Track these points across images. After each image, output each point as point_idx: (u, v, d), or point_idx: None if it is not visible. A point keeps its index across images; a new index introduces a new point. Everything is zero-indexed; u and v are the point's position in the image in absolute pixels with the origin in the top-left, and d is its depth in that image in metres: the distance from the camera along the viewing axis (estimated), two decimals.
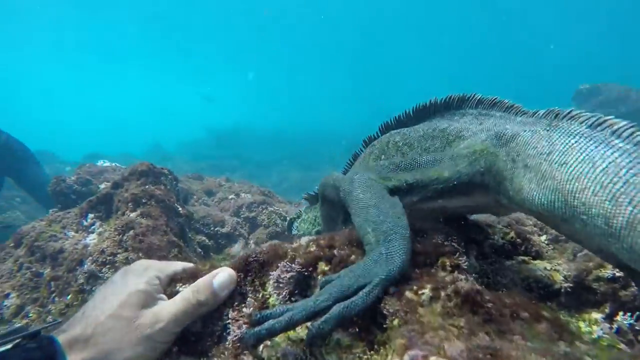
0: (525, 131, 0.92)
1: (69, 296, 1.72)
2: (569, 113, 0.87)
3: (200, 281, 0.90)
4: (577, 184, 0.76)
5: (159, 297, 0.90)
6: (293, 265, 0.84)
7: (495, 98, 1.09)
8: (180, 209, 2.30)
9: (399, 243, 0.76)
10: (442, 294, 0.60)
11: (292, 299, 0.85)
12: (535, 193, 0.84)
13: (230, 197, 3.71)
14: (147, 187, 2.13)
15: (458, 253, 0.83)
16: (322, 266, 0.84)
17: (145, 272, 0.93)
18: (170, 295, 0.94)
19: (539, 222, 1.37)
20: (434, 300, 0.60)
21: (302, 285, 0.85)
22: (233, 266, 0.96)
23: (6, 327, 0.78)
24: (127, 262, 1.68)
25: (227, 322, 0.90)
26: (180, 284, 1.01)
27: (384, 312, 0.63)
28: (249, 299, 0.92)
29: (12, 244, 2.17)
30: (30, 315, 1.78)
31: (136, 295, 0.85)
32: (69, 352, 0.75)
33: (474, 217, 1.25)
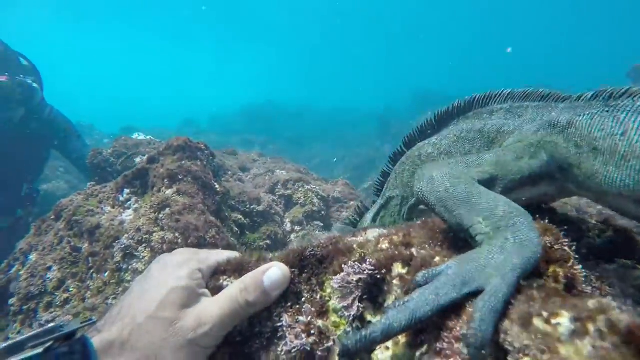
0: (580, 115, 0.89)
1: (106, 273, 1.67)
2: (627, 91, 0.84)
3: (249, 278, 0.77)
4: None
5: (201, 293, 0.79)
6: (363, 266, 0.69)
7: (527, 90, 1.04)
8: (217, 186, 2.20)
9: (526, 226, 0.64)
10: (591, 328, 0.44)
11: (360, 305, 0.70)
12: (615, 175, 0.81)
13: (265, 173, 3.60)
14: (183, 162, 2.04)
15: (572, 260, 0.65)
16: (398, 268, 0.69)
17: (186, 264, 0.81)
18: (214, 291, 0.83)
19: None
20: (578, 336, 0.44)
21: (372, 291, 0.70)
22: (285, 260, 0.83)
23: (40, 328, 0.67)
24: (163, 242, 1.61)
25: (279, 324, 0.78)
26: (225, 277, 0.89)
27: (505, 344, 0.47)
28: (304, 301, 0.79)
29: (52, 217, 2.15)
30: (71, 289, 1.75)
31: (176, 292, 0.74)
32: (104, 358, 0.65)
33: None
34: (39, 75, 3.95)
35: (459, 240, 0.72)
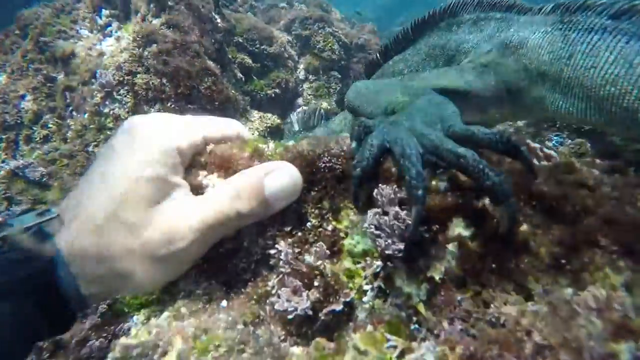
0: (534, 33, 0.86)
1: (86, 115, 1.44)
2: (583, 3, 0.78)
3: (244, 182, 0.54)
4: (613, 88, 0.70)
5: (176, 184, 0.56)
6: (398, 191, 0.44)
7: None
8: (218, 20, 1.77)
9: (443, 98, 0.65)
10: None
11: (389, 263, 0.48)
12: (560, 102, 0.81)
13: (282, 5, 3.03)
14: None
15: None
16: (460, 227, 0.44)
17: (159, 138, 0.57)
18: (193, 189, 0.60)
19: None
20: None
21: (412, 249, 0.47)
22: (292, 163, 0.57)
23: None
24: (148, 87, 1.33)
25: (272, 250, 0.57)
26: (205, 174, 0.65)
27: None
28: (310, 228, 0.57)
29: (17, 31, 1.79)
30: (50, 125, 1.55)
31: (142, 186, 0.53)
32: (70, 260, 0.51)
33: None
34: None
35: None
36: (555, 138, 1.51)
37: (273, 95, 2.49)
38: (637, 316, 0.35)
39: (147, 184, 0.53)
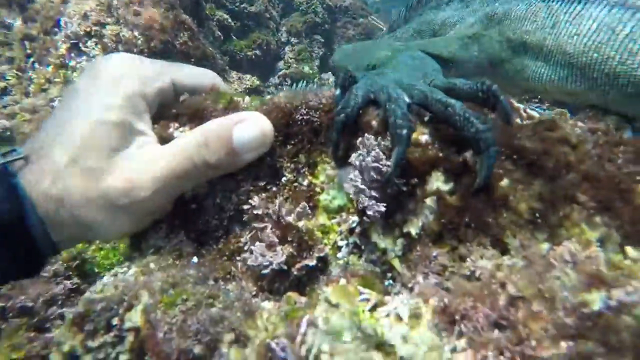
0: (518, 5, 0.87)
1: (50, 67, 1.35)
2: None
3: (212, 131, 0.52)
4: (596, 54, 0.72)
5: (141, 131, 0.54)
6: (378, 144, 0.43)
7: None
8: None
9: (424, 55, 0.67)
10: None
11: (365, 218, 0.46)
12: (542, 70, 0.82)
13: None
14: None
15: None
16: (439, 181, 0.43)
17: (123, 81, 0.54)
18: (163, 142, 0.57)
19: None
20: None
21: (390, 203, 0.45)
22: (267, 118, 0.55)
23: None
24: (119, 40, 1.24)
25: (246, 206, 0.55)
26: (177, 126, 0.62)
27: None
28: (285, 183, 0.55)
29: None
30: (8, 77, 1.44)
31: (103, 130, 0.51)
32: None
33: None
34: None
35: None
36: (537, 109, 1.53)
37: (253, 57, 2.40)
38: (610, 269, 0.35)
39: (109, 129, 0.51)
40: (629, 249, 0.39)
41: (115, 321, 0.48)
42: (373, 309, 0.38)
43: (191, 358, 0.43)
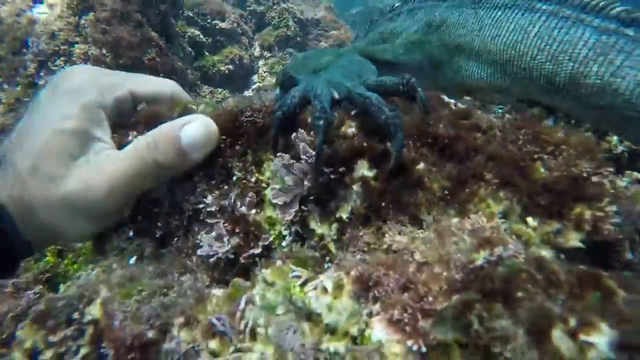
0: (453, 14, 0.96)
1: (18, 87, 1.37)
2: None
3: (160, 132, 0.56)
4: (513, 52, 0.82)
5: (98, 138, 0.58)
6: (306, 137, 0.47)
7: None
8: None
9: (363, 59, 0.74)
10: None
11: (304, 208, 0.51)
12: (474, 69, 0.91)
13: None
14: None
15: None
16: (364, 169, 0.48)
17: (82, 92, 0.58)
18: (120, 148, 0.61)
19: None
20: None
21: (322, 193, 0.50)
22: (215, 121, 0.59)
23: None
24: (87, 58, 1.27)
25: (201, 205, 0.59)
26: (135, 134, 0.66)
27: None
28: (235, 181, 0.59)
29: None
30: None
31: (60, 139, 0.54)
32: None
33: None
34: None
35: None
36: (499, 110, 1.64)
37: (227, 71, 2.45)
38: (510, 236, 0.40)
39: (67, 137, 0.54)
40: (529, 219, 0.44)
41: (75, 315, 0.51)
42: (304, 284, 0.42)
43: (145, 342, 0.46)
